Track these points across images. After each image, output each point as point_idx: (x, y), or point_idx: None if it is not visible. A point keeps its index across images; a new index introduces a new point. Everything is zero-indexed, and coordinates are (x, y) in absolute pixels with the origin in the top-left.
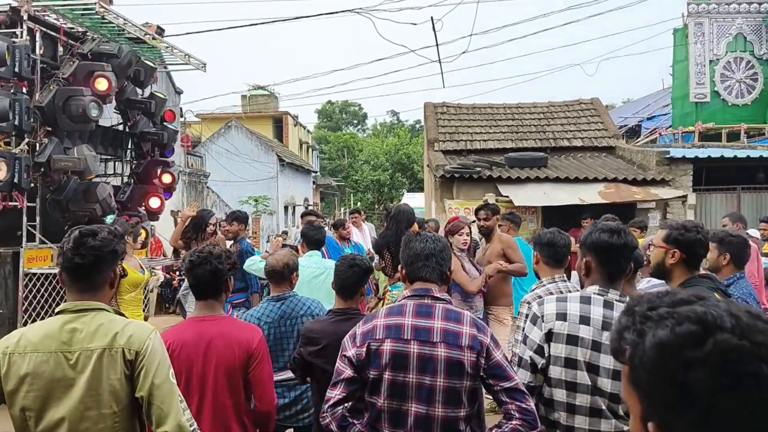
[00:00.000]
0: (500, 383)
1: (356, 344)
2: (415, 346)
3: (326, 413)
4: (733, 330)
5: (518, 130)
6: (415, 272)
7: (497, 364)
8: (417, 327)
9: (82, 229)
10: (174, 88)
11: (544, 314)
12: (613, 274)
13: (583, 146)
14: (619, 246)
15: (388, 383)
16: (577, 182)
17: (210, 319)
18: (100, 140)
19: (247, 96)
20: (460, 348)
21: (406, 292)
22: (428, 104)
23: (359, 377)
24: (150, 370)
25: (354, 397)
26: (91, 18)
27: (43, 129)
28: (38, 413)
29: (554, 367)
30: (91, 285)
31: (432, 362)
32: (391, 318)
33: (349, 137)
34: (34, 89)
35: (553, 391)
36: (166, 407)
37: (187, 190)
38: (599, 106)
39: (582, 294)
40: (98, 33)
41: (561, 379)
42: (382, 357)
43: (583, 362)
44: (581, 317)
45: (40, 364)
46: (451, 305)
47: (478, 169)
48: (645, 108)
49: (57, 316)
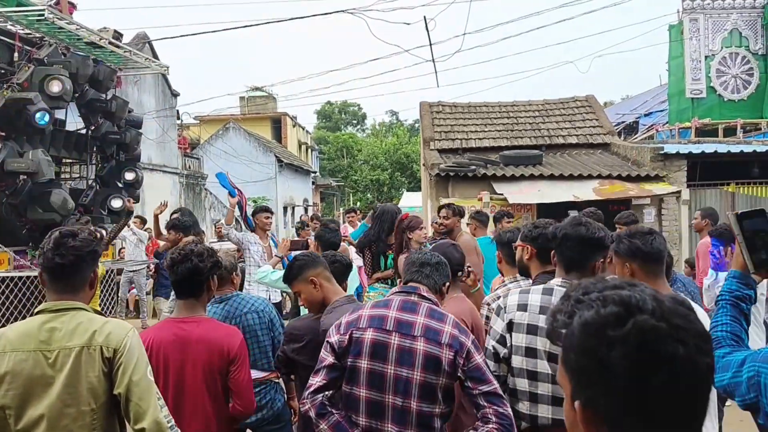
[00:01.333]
0: (479, 386)
1: (340, 332)
2: (396, 338)
3: (306, 399)
4: (653, 312)
5: (513, 128)
6: (408, 276)
7: (477, 366)
8: (400, 320)
9: (62, 229)
10: (170, 91)
11: (506, 305)
12: (571, 264)
13: (578, 143)
14: (580, 238)
15: (366, 372)
16: (572, 179)
17: (190, 320)
18: (63, 144)
19: (245, 97)
20: (439, 344)
21: (394, 288)
22: (424, 103)
23: (340, 364)
24: (128, 367)
25: (335, 385)
26: (47, 24)
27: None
28: (18, 411)
29: (516, 357)
30: (70, 285)
31: (411, 355)
32: (377, 309)
33: (348, 137)
34: None
35: (516, 381)
36: (144, 404)
37: (185, 192)
38: (594, 103)
39: (545, 286)
40: (56, 38)
41: (522, 369)
42: (363, 345)
43: (543, 351)
44: (541, 307)
45: (19, 362)
46: (438, 307)
47: (473, 167)
48: (642, 105)
49: (36, 316)
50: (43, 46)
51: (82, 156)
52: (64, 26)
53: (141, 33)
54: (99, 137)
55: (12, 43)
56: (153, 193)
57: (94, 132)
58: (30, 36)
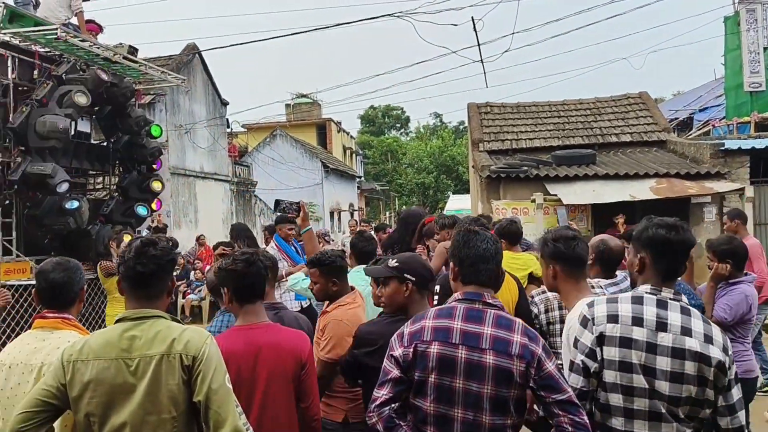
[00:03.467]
0: (552, 395)
1: (404, 344)
2: (463, 352)
3: (372, 413)
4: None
5: (564, 127)
6: (472, 275)
7: (549, 375)
8: (466, 332)
9: (143, 238)
10: (220, 100)
11: (594, 317)
12: (668, 271)
13: (633, 141)
14: (676, 242)
15: (434, 386)
16: (628, 178)
17: (257, 327)
18: (86, 156)
19: (290, 105)
20: (509, 356)
21: (456, 295)
22: (471, 105)
23: (406, 377)
24: (207, 375)
25: (401, 398)
26: (64, 42)
27: (17, 149)
28: (101, 419)
29: (608, 371)
30: (150, 293)
31: (480, 369)
32: (440, 320)
33: (393, 141)
34: (8, 111)
35: (609, 396)
36: (223, 412)
37: (235, 200)
38: (648, 99)
39: (633, 294)
40: (74, 55)
41: (616, 383)
42: (429, 359)
43: (639, 365)
44: (633, 318)
45: (102, 370)
46: (504, 312)
47: (524, 168)
48: (696, 100)
49: (117, 324)
50: (62, 63)
51: (105, 167)
52: (78, 44)
53: (191, 44)
54: (119, 149)
55: (32, 61)
56: (205, 201)
57: (114, 144)
58: (50, 53)
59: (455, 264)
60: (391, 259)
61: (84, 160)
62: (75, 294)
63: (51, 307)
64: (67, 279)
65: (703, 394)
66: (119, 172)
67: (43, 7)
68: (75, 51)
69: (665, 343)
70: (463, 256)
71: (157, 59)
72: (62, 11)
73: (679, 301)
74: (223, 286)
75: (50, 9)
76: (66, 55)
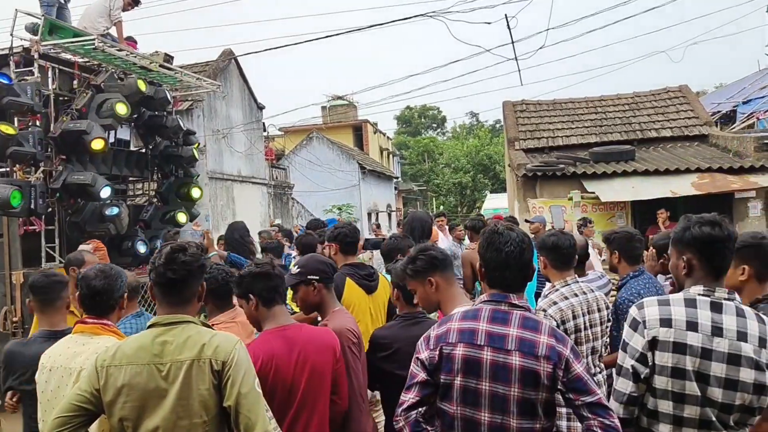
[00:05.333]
0: (581, 397)
1: (429, 347)
2: (489, 353)
3: (399, 417)
4: None
5: (602, 123)
6: (496, 278)
7: (578, 377)
8: (491, 333)
9: (173, 244)
10: (256, 104)
11: (645, 319)
12: (718, 269)
13: (673, 136)
14: (723, 238)
15: (459, 389)
16: (668, 174)
17: (290, 327)
18: (125, 163)
19: (326, 107)
20: (535, 358)
21: (483, 296)
22: (507, 103)
23: (432, 381)
24: (236, 379)
25: (428, 402)
26: (102, 52)
27: (59, 157)
28: (135, 423)
29: (660, 377)
30: (180, 299)
31: (505, 371)
32: (465, 322)
33: (429, 141)
34: (50, 121)
35: (658, 402)
36: (254, 416)
37: (273, 202)
38: (688, 93)
39: (685, 296)
40: (112, 64)
41: (667, 390)
42: (454, 362)
43: (692, 371)
44: (688, 323)
45: (135, 375)
46: (530, 312)
47: (561, 165)
48: (740, 92)
49: (149, 329)
50: (101, 72)
51: (143, 174)
52: (115, 53)
53: (227, 50)
54: (157, 155)
55: (72, 71)
56: (243, 204)
57: (152, 151)
58: (88, 63)
59: (481, 265)
60: (294, 267)
61: (123, 167)
62: (115, 301)
63: (91, 312)
64: (107, 287)
65: (757, 401)
66: (158, 178)
67: (84, 17)
68: (113, 60)
69: (720, 348)
70: (487, 259)
71: (195, 66)
72: (102, 21)
73: (733, 300)
74: (248, 292)
75: (90, 19)
76: (104, 64)
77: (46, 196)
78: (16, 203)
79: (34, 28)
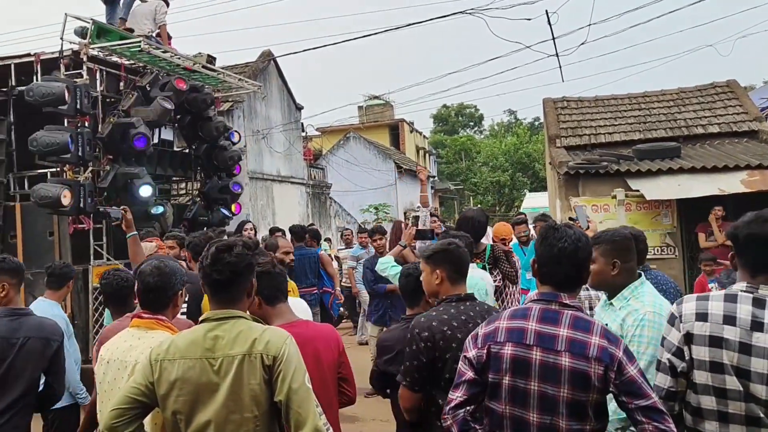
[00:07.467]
0: (635, 401)
1: (477, 345)
2: (538, 353)
3: (447, 415)
4: None
5: (646, 120)
6: (547, 275)
7: (631, 379)
8: (541, 333)
9: (218, 245)
10: (295, 105)
11: (681, 314)
12: (758, 266)
13: (721, 132)
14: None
15: (508, 389)
16: (716, 171)
17: (297, 324)
18: (169, 163)
19: (363, 107)
20: (586, 359)
21: (532, 295)
22: (547, 100)
23: (480, 379)
24: (287, 374)
25: (476, 400)
26: (147, 54)
27: (106, 158)
28: (188, 416)
29: (699, 372)
30: (229, 296)
31: (555, 371)
32: (515, 321)
33: (466, 140)
34: (97, 122)
35: (701, 399)
36: (304, 411)
37: (311, 202)
38: (737, 88)
39: (727, 292)
40: (156, 66)
41: (708, 385)
42: (503, 361)
43: (731, 366)
44: (725, 317)
45: (188, 369)
46: (581, 313)
47: (604, 163)
48: None
49: (201, 324)
50: (146, 74)
51: (187, 173)
52: (159, 55)
53: (266, 51)
54: (200, 155)
55: (118, 73)
56: (282, 204)
57: (195, 151)
58: (134, 65)
59: (534, 261)
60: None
61: (168, 166)
62: (168, 298)
63: (147, 307)
64: (161, 284)
65: None
66: (201, 177)
67: (131, 20)
68: (157, 62)
69: (761, 344)
70: (540, 254)
71: (235, 67)
72: (147, 24)
73: None
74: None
75: (137, 22)
76: (149, 66)
77: (94, 195)
78: (66, 202)
79: (82, 31)
